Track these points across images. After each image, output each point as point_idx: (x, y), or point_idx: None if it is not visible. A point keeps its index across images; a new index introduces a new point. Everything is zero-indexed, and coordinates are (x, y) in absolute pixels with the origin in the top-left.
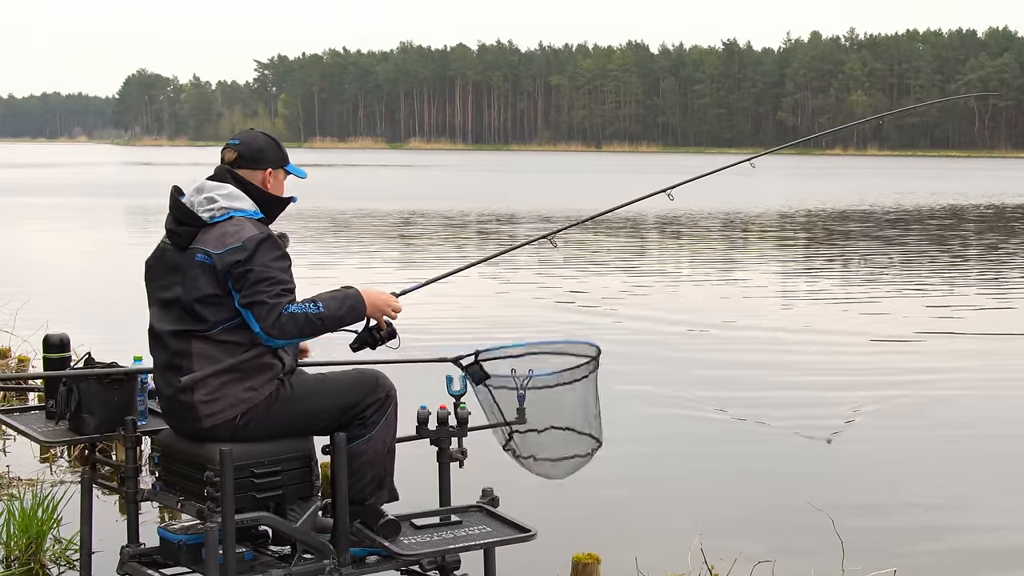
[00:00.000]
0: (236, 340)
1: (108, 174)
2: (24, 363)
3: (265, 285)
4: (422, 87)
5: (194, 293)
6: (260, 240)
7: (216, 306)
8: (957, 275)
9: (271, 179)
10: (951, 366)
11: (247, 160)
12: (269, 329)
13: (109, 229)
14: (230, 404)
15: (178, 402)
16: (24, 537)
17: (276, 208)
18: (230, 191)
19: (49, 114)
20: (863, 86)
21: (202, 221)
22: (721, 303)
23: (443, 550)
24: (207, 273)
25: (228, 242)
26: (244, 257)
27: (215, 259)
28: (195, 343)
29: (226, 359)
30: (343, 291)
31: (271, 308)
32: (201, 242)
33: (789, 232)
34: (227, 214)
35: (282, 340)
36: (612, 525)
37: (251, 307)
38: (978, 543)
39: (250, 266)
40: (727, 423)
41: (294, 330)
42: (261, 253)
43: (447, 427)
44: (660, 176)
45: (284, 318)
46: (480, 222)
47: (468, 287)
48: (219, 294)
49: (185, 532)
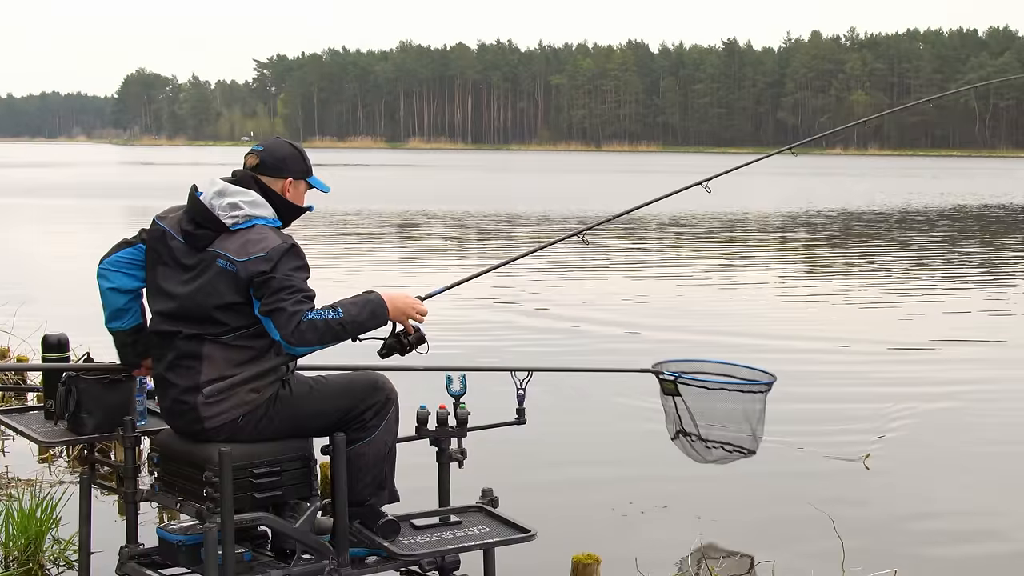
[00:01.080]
0: (249, 345)
1: (108, 174)
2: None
3: (286, 293)
4: (422, 86)
5: (215, 300)
6: (285, 250)
7: (236, 313)
8: (978, 278)
9: (291, 189)
10: (956, 368)
11: (269, 168)
12: (289, 337)
13: (108, 229)
14: (233, 405)
15: (180, 402)
16: (23, 537)
17: (293, 216)
18: (255, 198)
19: (48, 114)
20: (863, 86)
21: (224, 226)
22: (737, 304)
23: (443, 550)
24: (229, 280)
25: (252, 251)
26: (269, 267)
27: (239, 267)
28: (207, 346)
29: (236, 364)
30: (363, 295)
31: (291, 316)
32: (221, 247)
33: (799, 234)
34: (250, 221)
35: (303, 348)
36: (612, 525)
37: (271, 314)
38: (979, 544)
39: (273, 274)
40: None
41: (314, 337)
42: (284, 262)
43: (447, 427)
44: (682, 175)
45: (304, 325)
46: (519, 223)
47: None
48: (240, 301)
49: (184, 532)
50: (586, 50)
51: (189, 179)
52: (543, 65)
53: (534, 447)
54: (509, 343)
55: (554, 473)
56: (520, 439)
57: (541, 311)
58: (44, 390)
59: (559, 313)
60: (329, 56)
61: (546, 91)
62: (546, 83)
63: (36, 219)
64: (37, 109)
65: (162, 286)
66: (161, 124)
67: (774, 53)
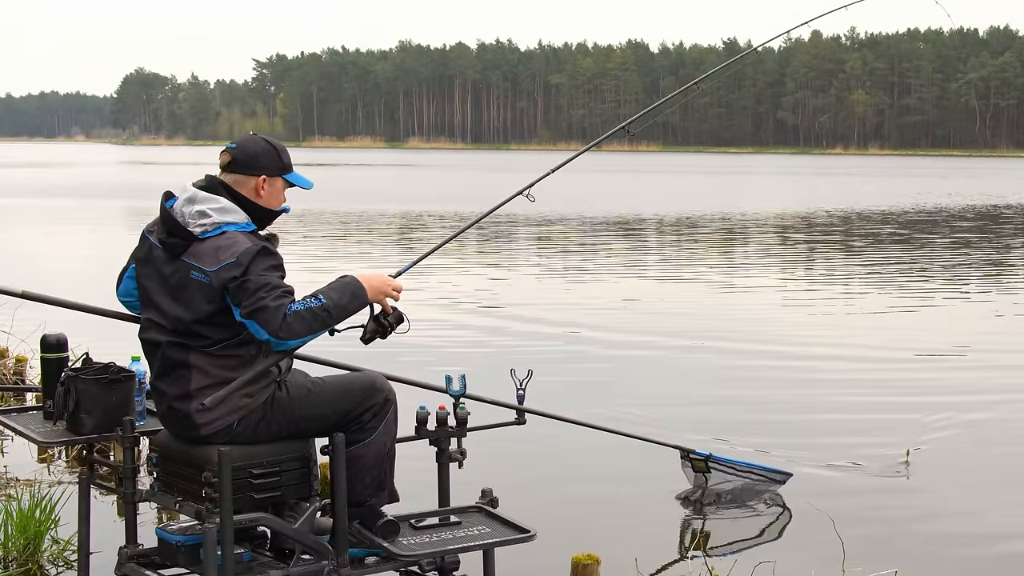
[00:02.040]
0: (235, 354)
1: (107, 174)
2: (22, 363)
3: (263, 291)
4: (421, 86)
5: (194, 314)
6: (255, 253)
7: (217, 326)
8: (995, 280)
9: (266, 186)
10: (958, 369)
11: (240, 165)
12: (277, 332)
13: (107, 229)
14: (227, 411)
15: (174, 409)
16: (22, 538)
17: (267, 219)
18: (223, 205)
19: (47, 113)
20: (864, 85)
21: (193, 236)
22: (753, 310)
23: (442, 551)
24: (204, 291)
25: (222, 257)
26: (240, 272)
27: (211, 276)
28: (194, 356)
29: (226, 370)
30: (340, 280)
31: (275, 311)
32: (194, 256)
33: (810, 235)
34: (219, 228)
35: (293, 341)
36: (612, 525)
37: (254, 315)
38: (981, 545)
39: (247, 277)
40: (728, 424)
41: (302, 328)
42: (256, 264)
43: (446, 427)
44: (683, 174)
45: (290, 318)
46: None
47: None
48: (218, 311)
49: (183, 533)
50: (586, 50)
51: (188, 179)
52: (543, 65)
53: (534, 447)
54: (508, 343)
55: (554, 473)
56: (520, 439)
57: (543, 315)
58: (43, 390)
59: (556, 317)
60: (328, 56)
61: (546, 91)
62: (546, 83)
63: (35, 219)
64: (36, 109)
65: (151, 297)
66: (160, 124)
67: (774, 53)
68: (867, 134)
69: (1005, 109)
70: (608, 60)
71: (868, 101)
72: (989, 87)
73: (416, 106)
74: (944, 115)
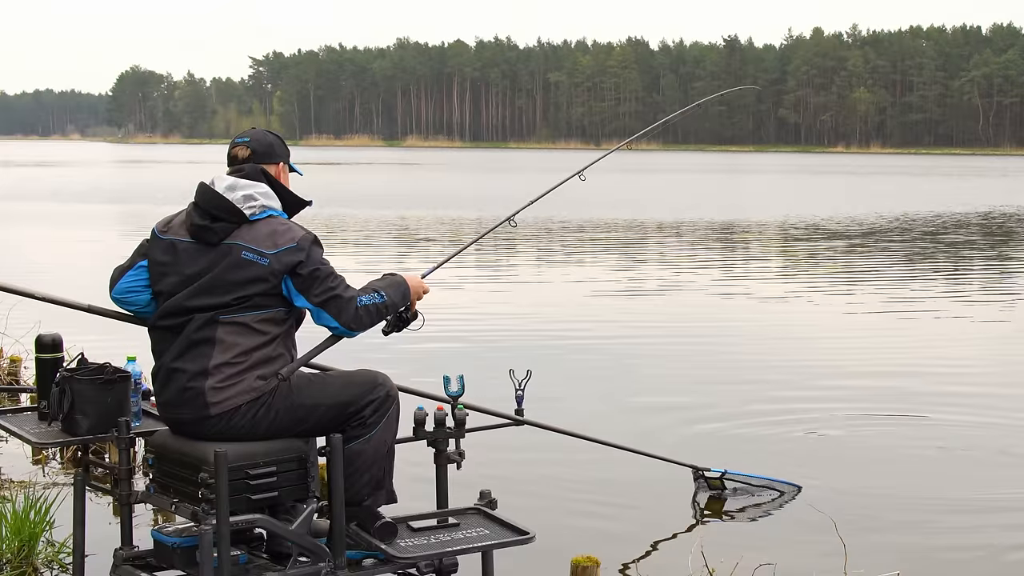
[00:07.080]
0: (264, 331)
1: (105, 174)
2: (16, 363)
3: (331, 281)
4: (419, 84)
5: (237, 290)
6: (312, 241)
7: (261, 295)
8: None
9: (283, 174)
10: (959, 370)
11: (261, 155)
12: (349, 323)
13: (103, 230)
14: (241, 391)
15: (187, 389)
16: (16, 540)
17: (296, 209)
18: (266, 190)
19: (42, 111)
20: (866, 83)
21: (244, 217)
22: (756, 313)
23: (440, 553)
24: (257, 272)
25: (280, 242)
26: (304, 258)
27: (270, 259)
28: (220, 330)
29: (247, 350)
30: (392, 278)
31: (347, 302)
32: (244, 238)
33: (829, 244)
34: (265, 212)
35: (358, 331)
36: (611, 527)
37: (327, 304)
38: (983, 546)
39: (314, 266)
40: (728, 423)
41: (369, 321)
42: (315, 252)
43: (444, 428)
44: (680, 174)
45: (360, 311)
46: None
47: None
48: (265, 292)
49: (179, 534)
50: (585, 47)
51: (187, 178)
52: (542, 62)
53: (533, 448)
54: (508, 341)
55: (553, 475)
56: (519, 440)
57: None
58: (38, 390)
59: (556, 317)
60: (326, 53)
61: (545, 88)
62: (545, 80)
63: (31, 219)
64: (31, 107)
65: (174, 290)
66: (156, 122)
67: (775, 50)
68: (869, 132)
69: (1008, 107)
70: (608, 58)
71: (870, 99)
72: (992, 85)
73: (414, 104)
74: (947, 113)
